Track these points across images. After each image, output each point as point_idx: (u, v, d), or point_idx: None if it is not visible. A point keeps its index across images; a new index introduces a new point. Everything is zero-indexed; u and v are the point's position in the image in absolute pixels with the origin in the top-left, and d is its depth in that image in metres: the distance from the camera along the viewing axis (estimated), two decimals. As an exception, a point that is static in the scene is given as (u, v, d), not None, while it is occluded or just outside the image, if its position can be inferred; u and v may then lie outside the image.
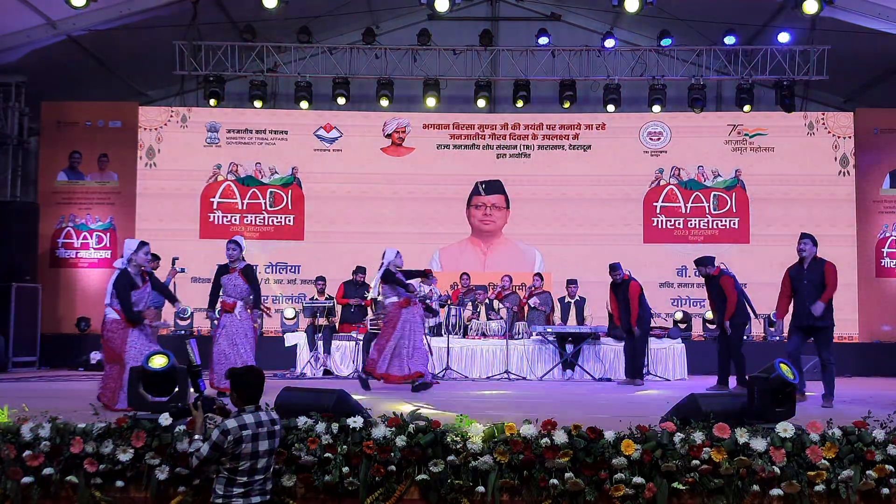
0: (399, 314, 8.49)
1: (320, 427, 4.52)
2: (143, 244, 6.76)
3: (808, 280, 7.55)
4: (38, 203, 13.12)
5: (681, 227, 13.44)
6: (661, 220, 13.48)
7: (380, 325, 9.17)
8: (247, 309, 7.81)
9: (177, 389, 4.75)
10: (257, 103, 13.22)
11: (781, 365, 4.61)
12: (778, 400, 4.58)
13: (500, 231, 13.19)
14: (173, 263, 11.28)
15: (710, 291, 9.12)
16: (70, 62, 12.56)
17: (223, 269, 7.88)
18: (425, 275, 8.94)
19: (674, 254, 13.32)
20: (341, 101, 13.21)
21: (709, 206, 13.46)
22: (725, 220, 13.42)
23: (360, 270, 11.21)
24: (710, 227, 13.42)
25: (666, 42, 12.85)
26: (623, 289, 9.89)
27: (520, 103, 13.14)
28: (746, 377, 5.81)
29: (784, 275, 7.85)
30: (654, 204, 13.48)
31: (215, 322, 7.94)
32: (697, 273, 9.39)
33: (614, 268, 9.97)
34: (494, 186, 13.21)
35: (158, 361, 4.73)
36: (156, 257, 11.38)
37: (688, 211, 13.46)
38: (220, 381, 7.43)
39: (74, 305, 13.00)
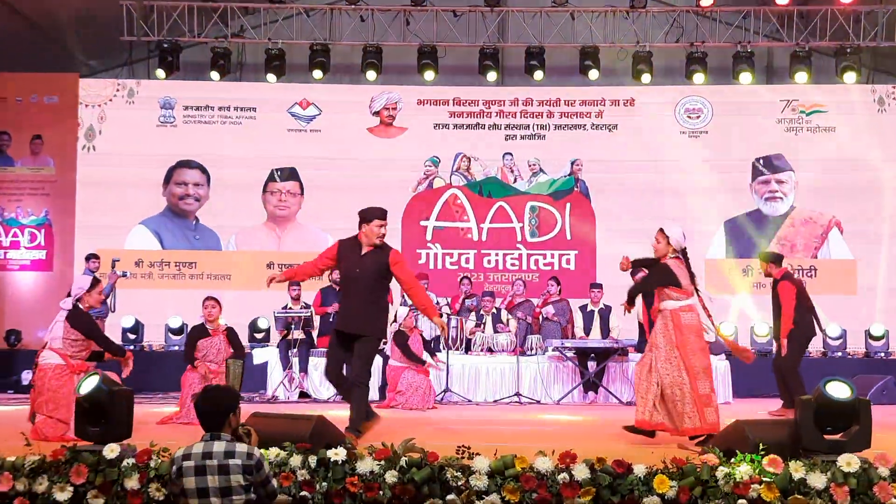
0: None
1: (295, 460, 4.52)
2: (96, 282, 6.73)
3: None
4: (-41, 194, 13.14)
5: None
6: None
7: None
8: None
9: (109, 417, 4.70)
10: (219, 75, 13.21)
11: (831, 383, 4.60)
12: (830, 426, 4.58)
13: (295, 216, 13.30)
14: (113, 266, 11.28)
15: (773, 297, 9.15)
16: (-3, 26, 12.55)
17: (200, 332, 8.08)
18: None
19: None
20: (320, 72, 13.20)
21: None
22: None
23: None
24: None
25: (706, 2, 12.84)
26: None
27: (538, 74, 13.11)
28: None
29: None
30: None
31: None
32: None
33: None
34: (291, 173, 13.30)
35: (88, 385, 4.71)
36: (94, 257, 11.42)
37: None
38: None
39: (2, 315, 12.99)
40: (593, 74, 13.11)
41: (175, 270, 12.61)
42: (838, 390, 4.61)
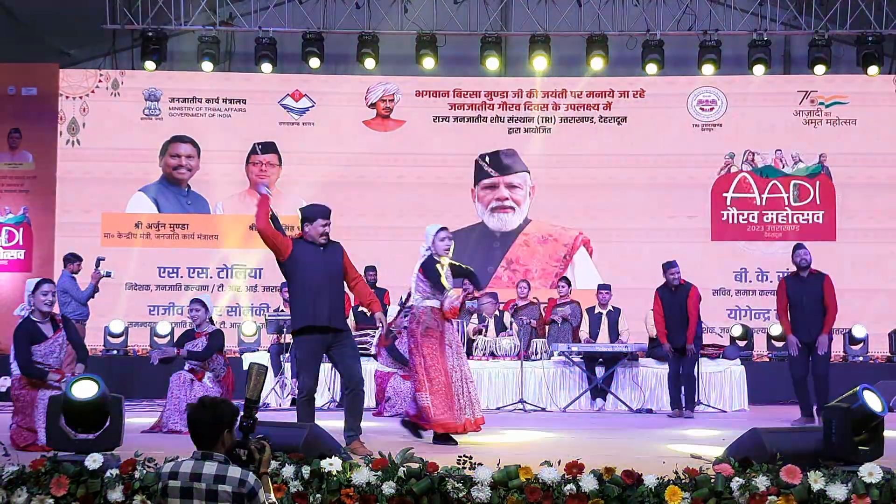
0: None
1: (287, 471, 4.53)
2: (42, 282, 6.74)
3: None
4: (-68, 190, 13.14)
5: (755, 221, 13.43)
6: (731, 214, 13.48)
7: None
8: (216, 381, 8.29)
9: (108, 424, 4.75)
10: (208, 65, 13.22)
11: (866, 392, 4.62)
12: (861, 436, 4.60)
13: (274, 185, 13.52)
14: (98, 264, 11.27)
15: (796, 295, 9.09)
16: (-28, 14, 12.54)
17: (188, 336, 8.40)
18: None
19: (734, 254, 13.33)
20: (314, 62, 13.20)
21: (789, 197, 13.39)
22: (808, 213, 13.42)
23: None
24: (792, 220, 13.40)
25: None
26: (680, 295, 9.87)
27: (542, 62, 13.08)
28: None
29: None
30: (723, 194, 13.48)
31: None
32: (801, 262, 9.28)
33: (670, 266, 9.95)
34: (269, 146, 13.83)
35: (85, 389, 4.72)
36: (76, 257, 11.40)
37: (764, 203, 13.44)
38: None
39: (-22, 319, 12.99)
40: (601, 64, 13.11)
41: (170, 231, 13.61)
42: (872, 400, 4.64)
